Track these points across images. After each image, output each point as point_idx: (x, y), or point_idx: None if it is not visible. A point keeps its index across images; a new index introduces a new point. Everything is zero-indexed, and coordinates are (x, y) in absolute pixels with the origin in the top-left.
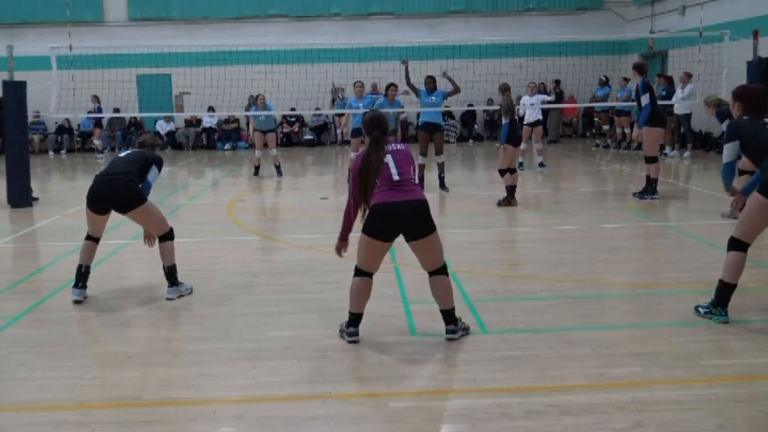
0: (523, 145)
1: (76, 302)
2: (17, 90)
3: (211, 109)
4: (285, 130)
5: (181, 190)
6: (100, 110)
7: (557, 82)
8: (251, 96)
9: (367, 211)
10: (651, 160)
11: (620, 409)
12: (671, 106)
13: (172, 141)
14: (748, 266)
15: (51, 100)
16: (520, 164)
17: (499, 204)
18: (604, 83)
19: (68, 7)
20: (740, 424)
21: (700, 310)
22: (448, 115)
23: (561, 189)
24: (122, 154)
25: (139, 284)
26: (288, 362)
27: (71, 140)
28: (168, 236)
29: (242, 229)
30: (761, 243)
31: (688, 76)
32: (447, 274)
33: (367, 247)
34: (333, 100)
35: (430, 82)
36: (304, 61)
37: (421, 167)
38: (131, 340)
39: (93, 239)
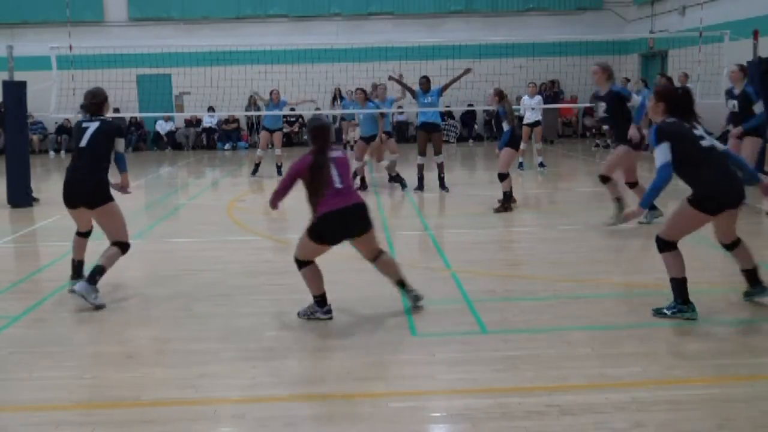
0: (522, 145)
1: (72, 291)
2: (17, 90)
3: (211, 109)
4: (285, 130)
5: (181, 190)
6: None
7: (553, 82)
8: (251, 96)
9: (316, 219)
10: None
11: (620, 409)
12: None
13: (172, 141)
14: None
15: (51, 100)
16: (520, 164)
17: (497, 210)
18: None
19: (68, 7)
20: (740, 424)
21: (666, 311)
22: (448, 115)
23: (561, 189)
24: (84, 142)
25: (139, 284)
26: (288, 362)
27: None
28: (122, 246)
29: (242, 229)
30: (761, 243)
31: (686, 77)
32: (384, 252)
33: (313, 249)
34: (333, 100)
35: (425, 82)
36: (304, 61)
37: (420, 167)
38: (131, 340)
39: (81, 234)
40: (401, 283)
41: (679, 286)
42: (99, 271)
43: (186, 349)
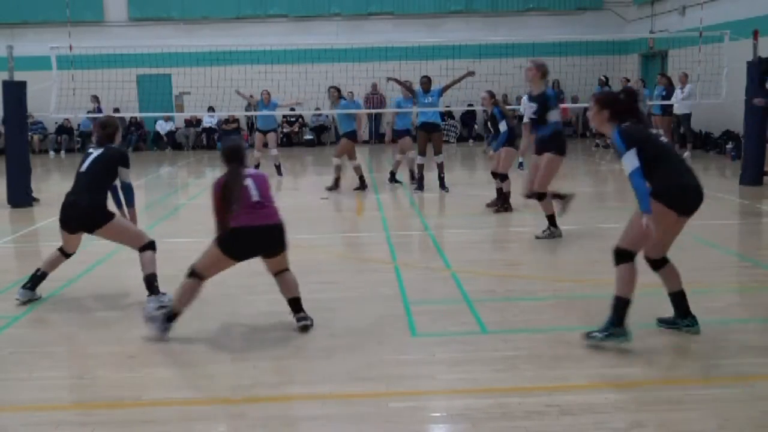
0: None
1: (23, 303)
2: (17, 90)
3: (211, 109)
4: (285, 130)
5: (181, 190)
6: (100, 110)
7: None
8: (251, 96)
9: (226, 232)
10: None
11: (620, 409)
12: (671, 106)
13: (172, 141)
14: (747, 266)
15: (51, 100)
16: (520, 164)
17: (497, 210)
18: (604, 83)
19: (68, 7)
20: (740, 424)
21: (597, 334)
22: (448, 115)
23: (561, 189)
24: (84, 167)
25: (139, 284)
26: (288, 362)
27: (71, 140)
28: (148, 246)
29: None
30: (761, 243)
31: (686, 76)
32: (289, 270)
33: (217, 261)
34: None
35: (426, 81)
36: (304, 61)
37: (420, 167)
38: (131, 340)
39: (65, 254)
40: (295, 303)
41: (622, 306)
42: (153, 278)
43: (186, 349)
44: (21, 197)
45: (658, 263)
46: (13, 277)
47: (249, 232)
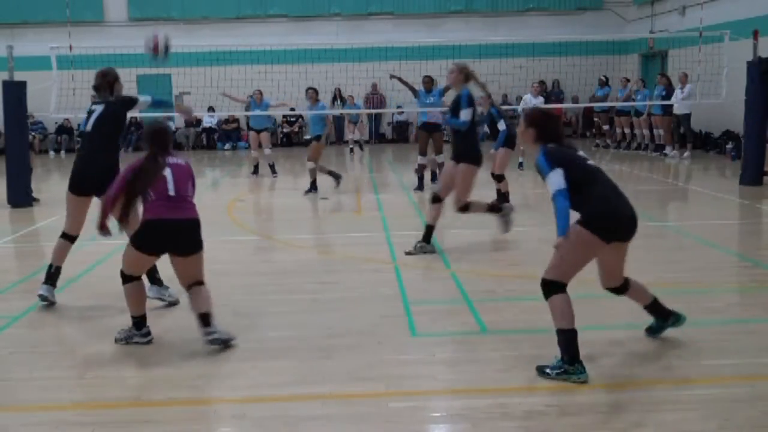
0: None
1: (46, 301)
2: (17, 90)
3: (211, 109)
4: (285, 130)
5: None
6: None
7: (541, 82)
8: (249, 96)
9: (139, 225)
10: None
11: (620, 409)
12: (671, 106)
13: (172, 141)
14: (747, 266)
15: (51, 100)
16: (520, 164)
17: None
18: (604, 83)
19: (68, 7)
20: (740, 424)
21: (549, 372)
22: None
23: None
24: (90, 126)
25: None
26: (288, 362)
27: (71, 140)
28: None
29: (242, 229)
30: (761, 243)
31: (686, 77)
32: (204, 284)
33: (136, 259)
34: (333, 100)
35: (428, 81)
36: (304, 61)
37: (421, 167)
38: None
39: (68, 237)
40: (205, 318)
41: (568, 339)
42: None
43: (186, 349)
44: (21, 197)
45: (620, 290)
46: (13, 277)
47: (161, 225)
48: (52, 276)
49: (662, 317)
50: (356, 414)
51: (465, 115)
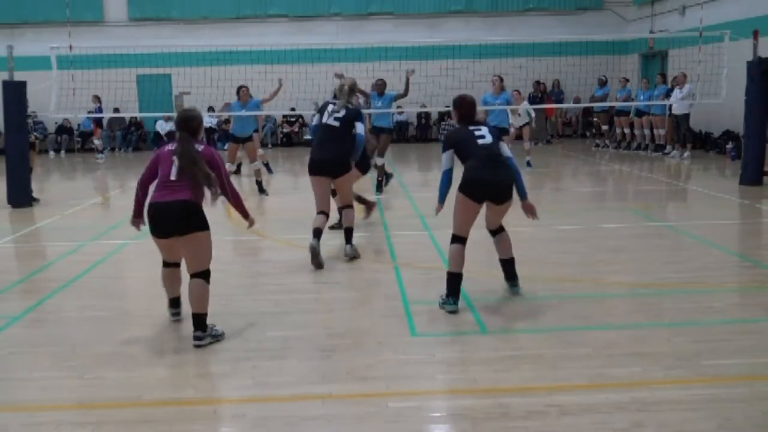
0: (526, 145)
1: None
2: (17, 90)
3: (211, 109)
4: (285, 130)
5: None
6: (100, 110)
7: (537, 83)
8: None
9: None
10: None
11: (620, 409)
12: (670, 106)
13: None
14: (747, 266)
15: (51, 100)
16: (528, 163)
17: None
18: (604, 83)
19: (68, 7)
20: (740, 424)
21: (439, 303)
22: (448, 115)
23: (561, 189)
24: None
25: (139, 284)
26: (288, 362)
27: (71, 140)
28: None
29: (242, 229)
30: (761, 243)
31: (684, 77)
32: (206, 281)
33: (156, 242)
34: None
35: (381, 84)
36: (304, 61)
37: (381, 167)
38: (131, 340)
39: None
40: (199, 319)
41: (451, 279)
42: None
43: (186, 349)
44: (21, 197)
45: (494, 233)
46: (13, 277)
47: (156, 208)
48: (318, 233)
49: (509, 276)
50: (356, 414)
51: (360, 129)
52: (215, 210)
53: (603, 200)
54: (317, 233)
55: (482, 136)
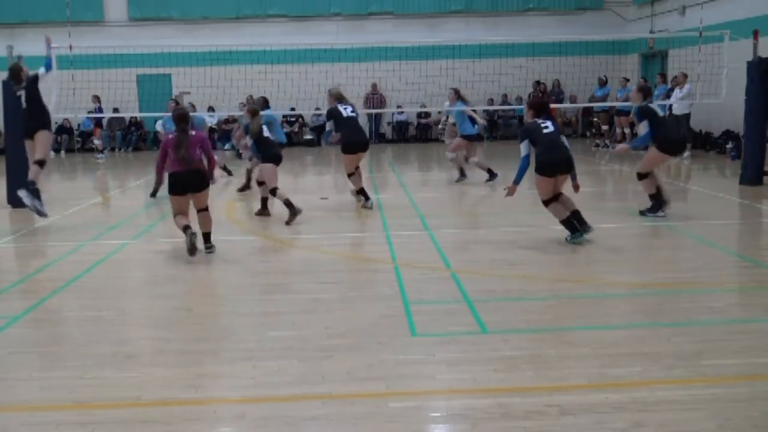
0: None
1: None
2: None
3: (211, 109)
4: (285, 130)
5: None
6: (100, 110)
7: (537, 83)
8: (249, 97)
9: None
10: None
11: (620, 409)
12: (670, 106)
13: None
14: (747, 266)
15: (51, 100)
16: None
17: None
18: (604, 83)
19: (68, 7)
20: (740, 424)
21: (567, 237)
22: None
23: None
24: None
25: (139, 284)
26: (288, 362)
27: (71, 140)
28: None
29: (242, 229)
30: (761, 243)
31: (684, 76)
32: (208, 211)
33: (175, 202)
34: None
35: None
36: (304, 61)
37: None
38: (131, 340)
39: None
40: (207, 236)
41: (567, 224)
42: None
43: (186, 349)
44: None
45: (556, 197)
46: (13, 277)
47: (178, 176)
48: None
49: (581, 224)
50: (356, 414)
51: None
52: (215, 210)
53: (603, 200)
54: (363, 192)
55: (546, 127)
